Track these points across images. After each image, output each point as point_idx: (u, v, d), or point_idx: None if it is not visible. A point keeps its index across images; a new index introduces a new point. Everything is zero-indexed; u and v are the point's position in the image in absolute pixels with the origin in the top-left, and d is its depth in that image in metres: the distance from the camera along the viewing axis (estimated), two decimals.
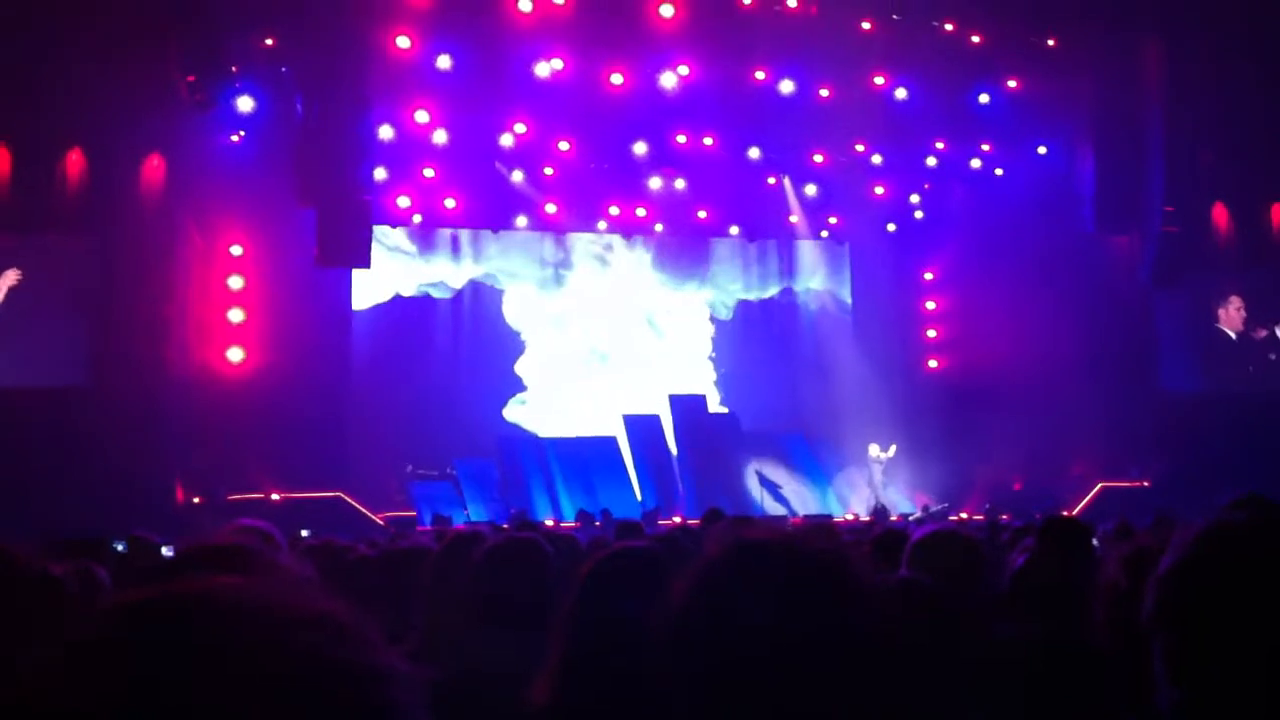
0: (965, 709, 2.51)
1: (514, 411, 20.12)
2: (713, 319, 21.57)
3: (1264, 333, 19.10)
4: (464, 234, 20.23)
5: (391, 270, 19.61)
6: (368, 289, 19.23)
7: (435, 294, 20.11)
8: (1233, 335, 19.11)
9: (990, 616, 3.22)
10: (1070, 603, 2.96)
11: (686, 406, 19.34)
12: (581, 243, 20.90)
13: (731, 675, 1.38)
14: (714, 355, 21.41)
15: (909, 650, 1.51)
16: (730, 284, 21.57)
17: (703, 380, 21.12)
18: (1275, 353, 19.12)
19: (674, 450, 18.84)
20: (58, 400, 15.50)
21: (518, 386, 20.25)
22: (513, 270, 20.55)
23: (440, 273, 20.16)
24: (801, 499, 18.85)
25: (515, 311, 20.49)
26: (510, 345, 20.34)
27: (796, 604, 1.40)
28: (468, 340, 19.92)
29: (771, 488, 18.71)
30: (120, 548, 6.46)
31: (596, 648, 2.38)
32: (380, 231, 18.20)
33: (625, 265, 21.13)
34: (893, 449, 19.40)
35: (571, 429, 19.35)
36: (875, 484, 19.24)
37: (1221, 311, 19.12)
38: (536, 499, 17.64)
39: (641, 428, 18.87)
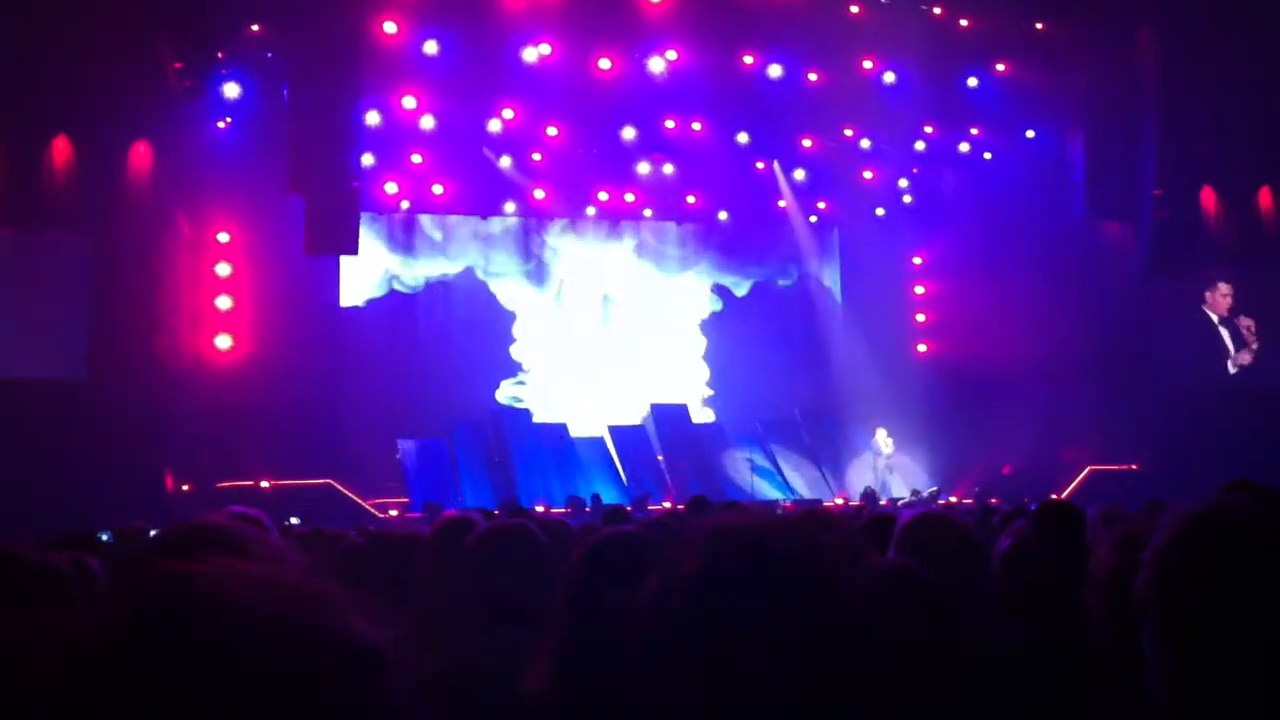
0: (960, 706, 2.51)
1: (506, 397, 20.07)
2: (702, 303, 21.54)
3: (1247, 319, 19.13)
4: (452, 220, 20.15)
5: (379, 257, 19.54)
6: (356, 276, 19.16)
7: (423, 280, 20.01)
8: (1215, 319, 19.15)
9: (985, 611, 3.21)
10: (1064, 593, 2.97)
11: (669, 416, 19.40)
12: (570, 229, 20.85)
13: (707, 665, 1.37)
14: (703, 339, 21.40)
15: (896, 641, 1.50)
16: (719, 269, 21.54)
17: (691, 365, 21.12)
18: (1261, 340, 19.17)
19: (660, 455, 18.92)
20: (45, 389, 15.45)
21: (508, 373, 20.20)
22: (501, 257, 20.47)
23: (428, 259, 20.07)
24: (794, 485, 18.89)
25: (504, 298, 20.43)
26: (500, 332, 20.26)
27: (767, 593, 1.39)
28: (457, 327, 19.80)
29: (764, 474, 18.74)
30: (105, 537, 6.43)
31: (590, 634, 2.37)
32: (368, 218, 18.13)
33: (614, 251, 21.09)
34: (891, 443, 19.36)
35: (562, 416, 19.33)
36: (879, 469, 19.23)
37: (1208, 294, 19.15)
38: (527, 484, 17.62)
39: (627, 438, 18.91)
